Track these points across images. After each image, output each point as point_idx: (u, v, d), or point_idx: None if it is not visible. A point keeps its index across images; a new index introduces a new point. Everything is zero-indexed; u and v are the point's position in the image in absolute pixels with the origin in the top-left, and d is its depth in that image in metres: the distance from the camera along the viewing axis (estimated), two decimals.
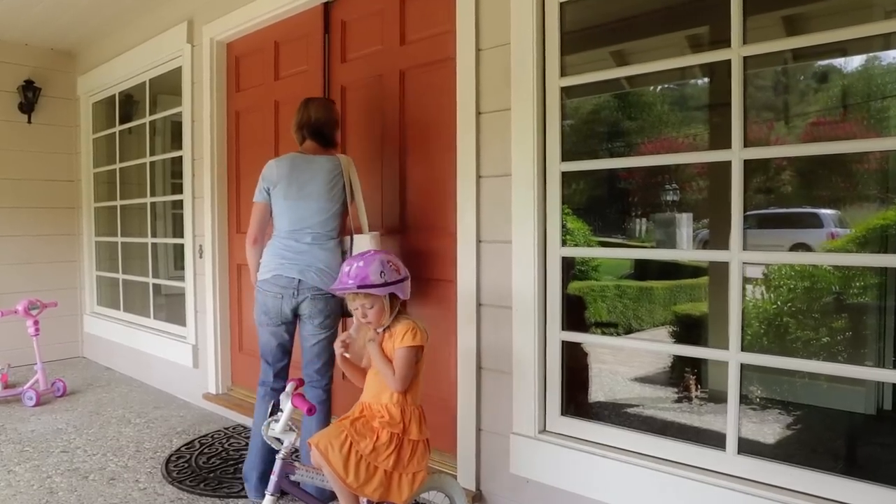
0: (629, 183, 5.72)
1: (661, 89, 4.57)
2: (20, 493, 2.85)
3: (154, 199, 4.90)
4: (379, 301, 2.04)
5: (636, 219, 6.37)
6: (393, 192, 2.96)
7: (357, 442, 1.98)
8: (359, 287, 2.01)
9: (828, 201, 4.96)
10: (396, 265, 2.05)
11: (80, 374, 5.02)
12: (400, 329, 2.05)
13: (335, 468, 1.94)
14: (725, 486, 1.92)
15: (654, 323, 5.93)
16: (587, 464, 2.21)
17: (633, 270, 6.46)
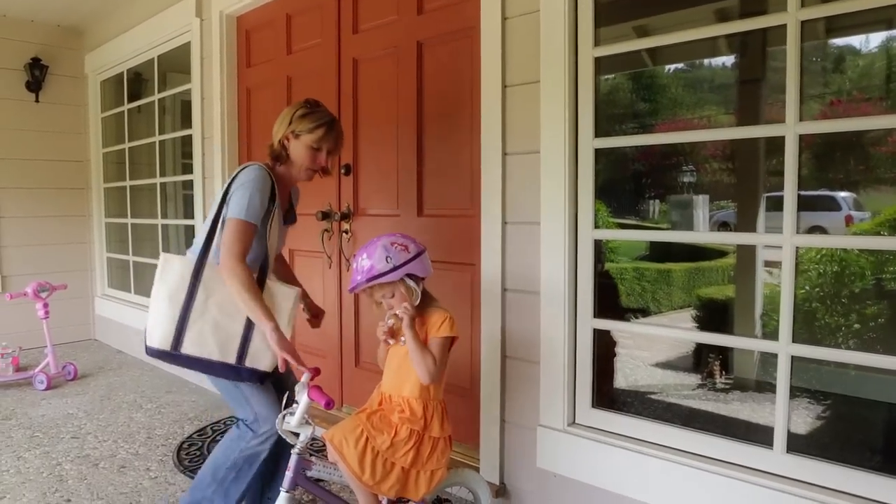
0: (644, 165, 5.56)
1: (691, 66, 4.39)
2: (29, 481, 2.78)
3: (164, 180, 4.78)
4: (397, 287, 1.90)
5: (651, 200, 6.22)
6: (409, 172, 2.82)
7: (374, 437, 1.85)
8: (368, 281, 1.88)
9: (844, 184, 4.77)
10: (403, 244, 1.90)
11: (92, 357, 4.95)
12: (436, 318, 1.92)
13: (350, 465, 1.82)
14: (773, 486, 1.79)
15: (672, 306, 5.78)
16: (621, 460, 2.09)
17: (647, 252, 6.31)
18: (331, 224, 3.14)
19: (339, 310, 3.22)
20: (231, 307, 1.97)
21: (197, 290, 1.98)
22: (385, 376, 2.03)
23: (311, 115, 2.16)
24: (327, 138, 2.16)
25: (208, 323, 1.97)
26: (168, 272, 2.01)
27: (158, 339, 1.98)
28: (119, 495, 2.63)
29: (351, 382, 3.19)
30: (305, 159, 2.17)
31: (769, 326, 4.26)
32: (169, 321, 1.97)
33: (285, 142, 2.17)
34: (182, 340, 1.96)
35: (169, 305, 1.97)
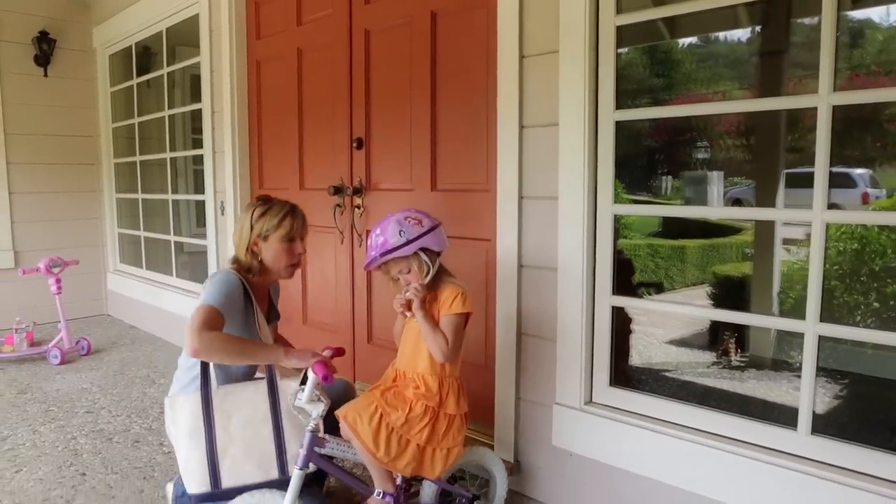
0: (657, 141, 5.47)
1: (709, 39, 4.28)
2: (45, 454, 2.79)
3: (174, 154, 4.74)
4: (411, 261, 1.87)
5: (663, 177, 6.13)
6: (423, 146, 2.75)
7: (388, 413, 1.83)
8: (381, 255, 1.85)
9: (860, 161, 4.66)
10: (417, 218, 1.87)
11: (105, 333, 4.97)
12: (447, 294, 1.88)
13: (364, 442, 1.80)
14: (797, 468, 1.74)
15: (686, 283, 5.72)
16: (639, 439, 2.05)
17: (660, 229, 6.23)
18: (342, 199, 3.09)
19: (352, 286, 3.18)
20: (255, 422, 1.90)
21: (214, 421, 1.88)
22: (400, 352, 2.00)
23: (270, 211, 2.09)
24: (296, 225, 2.11)
25: (239, 448, 1.88)
26: (178, 414, 1.90)
27: (196, 484, 1.87)
28: (133, 469, 2.64)
29: (364, 359, 3.17)
30: (283, 256, 2.11)
31: (786, 304, 4.20)
32: (199, 463, 1.87)
33: (254, 248, 2.09)
34: (219, 476, 1.86)
35: (192, 445, 1.87)
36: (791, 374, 3.52)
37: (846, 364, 3.37)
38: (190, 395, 1.90)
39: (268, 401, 1.92)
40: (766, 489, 1.80)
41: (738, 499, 1.86)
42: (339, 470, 1.94)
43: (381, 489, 1.89)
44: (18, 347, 4.16)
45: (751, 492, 1.83)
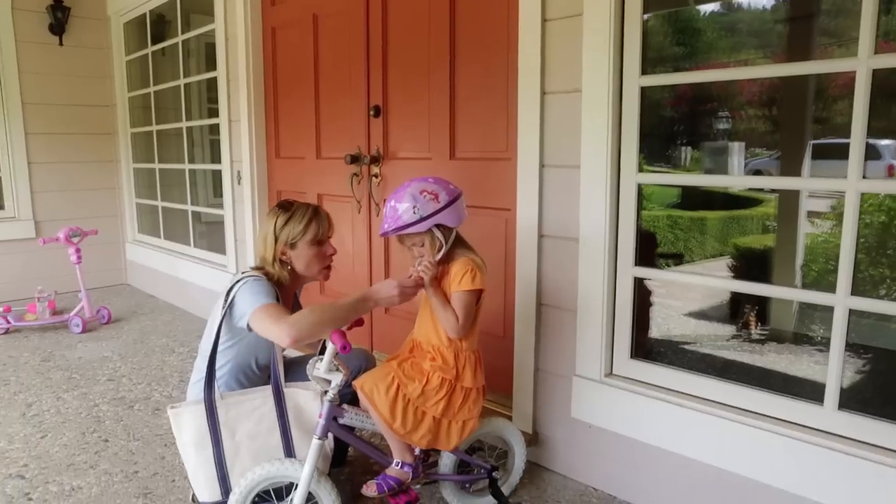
0: (676, 111, 5.34)
1: (733, 6, 4.14)
2: (69, 421, 2.83)
3: (190, 124, 4.72)
4: (427, 237, 1.83)
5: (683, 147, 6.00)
6: (442, 114, 2.70)
7: (405, 385, 1.82)
8: (394, 231, 1.81)
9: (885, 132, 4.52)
10: (433, 192, 1.78)
11: (125, 302, 5.02)
12: (457, 269, 1.84)
13: (381, 412, 1.80)
14: (823, 444, 1.71)
15: (705, 255, 5.64)
16: (660, 412, 2.03)
17: (679, 200, 6.13)
18: (360, 168, 3.05)
19: (369, 255, 3.17)
20: (262, 433, 1.88)
21: (220, 434, 1.86)
22: (417, 322, 1.98)
23: (294, 217, 2.01)
24: (322, 227, 2.04)
25: (248, 458, 1.87)
26: (183, 427, 1.88)
27: (207, 493, 1.89)
28: (154, 437, 2.67)
29: (381, 329, 3.16)
30: (315, 261, 2.05)
31: (809, 277, 4.12)
32: (207, 474, 1.87)
33: (283, 258, 2.02)
34: (230, 485, 1.87)
35: (199, 456, 1.86)
36: (812, 349, 3.47)
37: (869, 339, 3.31)
38: (193, 407, 1.87)
39: (274, 411, 1.89)
40: (789, 464, 1.78)
41: (760, 473, 1.83)
42: (358, 440, 1.95)
43: (399, 459, 1.89)
44: (41, 316, 4.21)
45: (773, 466, 1.81)
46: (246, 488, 1.79)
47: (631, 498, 2.18)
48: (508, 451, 2.20)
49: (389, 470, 1.89)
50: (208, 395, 1.86)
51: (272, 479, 1.81)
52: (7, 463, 2.46)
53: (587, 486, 2.29)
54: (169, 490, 2.25)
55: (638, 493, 2.16)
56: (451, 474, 2.04)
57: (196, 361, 2.09)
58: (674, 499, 2.06)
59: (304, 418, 1.90)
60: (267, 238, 2.01)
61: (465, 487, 2.12)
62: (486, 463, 2.07)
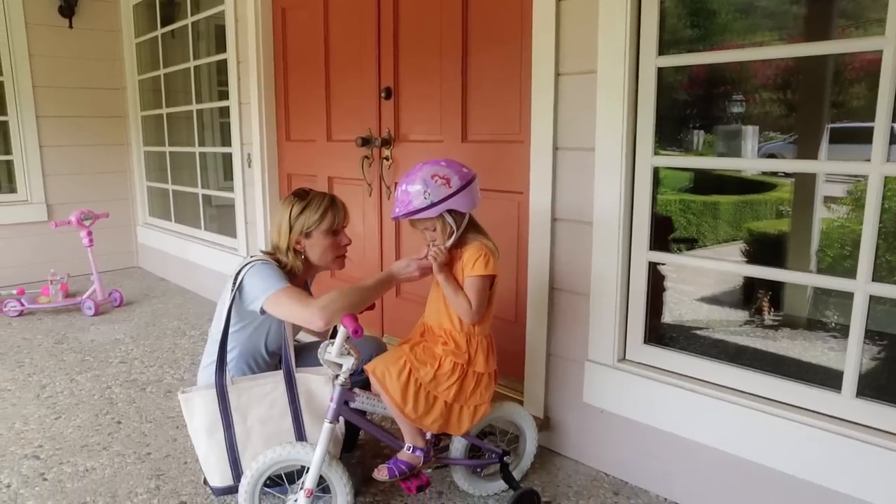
0: (689, 94, 5.25)
1: None
2: (82, 402, 2.85)
3: (200, 106, 4.70)
4: (438, 222, 1.80)
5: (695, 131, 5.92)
6: (454, 96, 2.66)
7: (417, 369, 1.81)
8: (405, 215, 1.78)
9: None
10: (445, 177, 1.74)
11: (136, 285, 5.04)
12: (470, 254, 1.82)
13: (393, 397, 1.79)
14: (840, 432, 1.68)
15: (717, 240, 5.59)
16: (674, 398, 2.01)
17: (691, 184, 6.06)
18: (371, 151, 3.03)
19: (380, 239, 3.15)
20: (274, 418, 1.87)
21: (232, 419, 1.85)
22: (428, 306, 1.97)
23: (309, 206, 2.00)
24: (338, 216, 2.03)
25: (260, 443, 1.87)
26: (194, 412, 1.87)
27: (218, 477, 1.89)
28: (166, 419, 2.69)
29: (392, 313, 3.16)
30: (330, 250, 2.04)
31: (824, 262, 4.07)
32: (219, 458, 1.87)
33: (297, 248, 2.01)
34: (241, 470, 1.86)
35: (210, 440, 1.86)
36: (826, 335, 3.43)
37: (884, 325, 3.27)
38: (204, 391, 1.86)
39: (286, 396, 1.88)
40: (804, 451, 1.75)
41: (774, 459, 1.82)
42: (369, 423, 1.94)
43: (411, 444, 1.89)
44: (54, 298, 4.24)
45: (787, 453, 1.79)
46: (257, 471, 1.79)
47: (643, 483, 2.17)
48: (520, 435, 2.19)
49: (401, 454, 1.89)
50: (220, 379, 1.85)
51: (283, 462, 1.81)
52: (22, 444, 2.49)
53: (599, 472, 2.28)
54: (181, 472, 2.26)
55: (650, 478, 2.15)
56: (463, 459, 2.04)
57: (206, 346, 2.09)
58: (686, 485, 2.05)
59: (315, 403, 1.89)
60: (281, 227, 2.00)
61: (476, 472, 2.12)
62: (498, 448, 2.07)
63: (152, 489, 2.16)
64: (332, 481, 1.81)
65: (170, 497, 2.12)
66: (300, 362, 1.93)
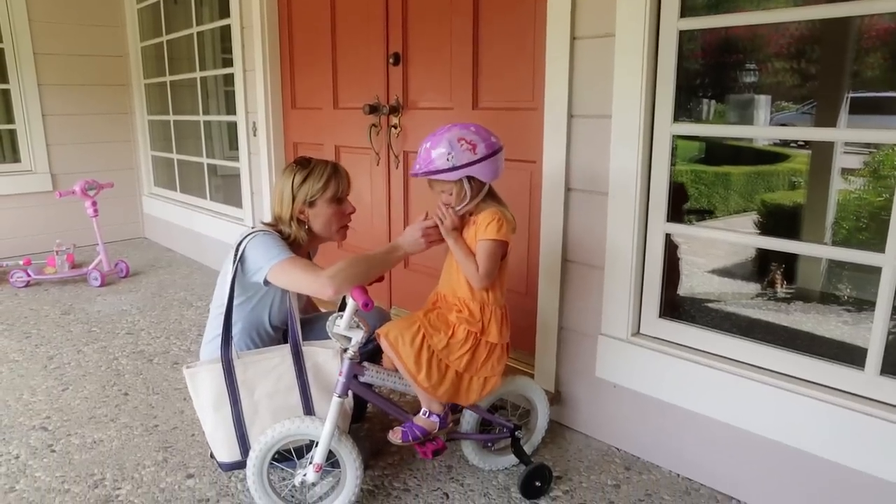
0: (700, 63, 5.12)
1: None
2: (89, 374, 2.84)
3: (204, 74, 4.60)
4: (456, 186, 1.74)
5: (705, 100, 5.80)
6: (465, 61, 2.57)
7: (430, 335, 1.76)
8: (425, 174, 1.73)
9: None
10: (472, 143, 1.69)
11: (143, 255, 5.01)
12: (484, 218, 1.76)
13: (405, 363, 1.75)
14: (863, 410, 1.63)
15: (728, 211, 5.51)
16: (690, 373, 1.96)
17: (702, 154, 5.96)
18: (378, 119, 2.95)
19: (388, 210, 3.09)
20: (281, 391, 1.83)
21: (239, 394, 1.82)
22: (442, 276, 1.92)
23: (312, 174, 1.93)
24: (342, 182, 1.98)
25: (267, 417, 1.83)
26: (200, 387, 1.83)
27: (226, 453, 1.87)
28: (173, 391, 2.67)
29: (400, 284, 3.11)
30: (334, 219, 1.99)
31: (839, 235, 3.99)
32: (226, 434, 1.84)
33: (301, 217, 1.95)
34: (249, 445, 1.83)
35: (217, 416, 1.83)
36: (841, 309, 3.37)
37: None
38: (210, 366, 1.83)
39: (293, 369, 1.84)
40: (824, 429, 1.71)
41: (796, 439, 1.77)
42: (378, 397, 1.91)
43: (427, 409, 1.85)
44: (60, 269, 4.21)
45: (807, 431, 1.74)
46: (265, 446, 1.76)
47: (655, 458, 2.14)
48: (531, 410, 2.16)
49: (416, 418, 1.85)
50: (226, 353, 1.81)
51: (292, 437, 1.79)
52: (30, 415, 2.47)
53: (610, 446, 2.25)
54: (189, 444, 2.25)
55: (662, 453, 2.12)
56: (473, 433, 2.01)
57: (208, 320, 2.05)
58: (700, 461, 2.02)
59: (322, 376, 1.86)
60: (284, 196, 1.94)
61: (486, 446, 2.09)
62: (509, 422, 2.03)
63: (160, 461, 2.15)
64: (341, 456, 1.79)
65: (177, 470, 2.10)
66: (306, 336, 1.89)
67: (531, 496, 1.96)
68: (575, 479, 2.07)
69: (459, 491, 2.00)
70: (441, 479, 2.05)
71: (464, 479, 2.06)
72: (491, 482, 2.04)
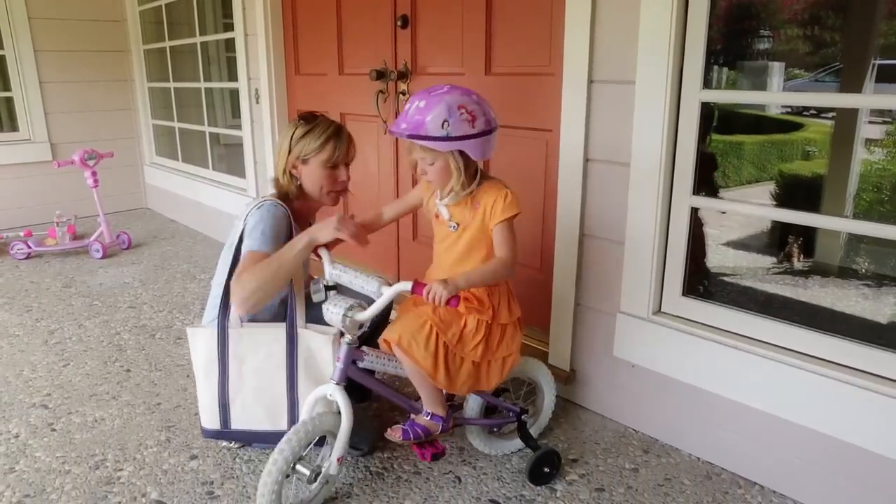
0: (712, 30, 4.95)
1: None
2: (91, 349, 2.77)
3: (204, 39, 4.45)
4: (442, 158, 1.57)
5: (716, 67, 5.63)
6: (477, 23, 2.43)
7: (444, 332, 1.62)
8: (410, 136, 1.54)
9: None
10: (472, 113, 1.52)
11: (145, 226, 4.92)
12: (490, 198, 1.61)
13: (425, 367, 1.61)
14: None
15: (741, 181, 5.37)
16: (716, 355, 1.87)
17: (715, 123, 5.81)
18: (386, 85, 2.82)
19: (396, 180, 2.98)
20: (269, 370, 1.78)
21: (228, 362, 1.80)
22: (438, 262, 1.78)
23: (312, 132, 1.85)
24: (339, 150, 1.88)
25: (250, 393, 1.81)
26: (196, 348, 1.83)
27: (208, 420, 1.87)
28: (176, 367, 2.60)
29: (408, 257, 3.01)
30: (325, 182, 1.89)
31: (860, 207, 3.87)
32: (211, 399, 1.84)
33: (293, 171, 1.87)
34: (229, 416, 1.83)
35: (207, 382, 1.83)
36: (859, 283, 3.26)
37: None
38: (208, 329, 1.80)
39: (285, 350, 1.77)
40: (861, 416, 1.62)
41: (827, 424, 1.68)
42: (380, 384, 1.80)
43: (430, 410, 1.74)
44: (61, 241, 4.14)
45: (841, 417, 1.65)
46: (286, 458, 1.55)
47: (674, 441, 2.06)
48: (538, 391, 2.05)
49: (418, 417, 1.75)
50: (223, 319, 1.78)
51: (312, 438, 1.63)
52: (31, 392, 2.41)
53: (627, 428, 2.17)
54: (192, 424, 2.18)
55: (682, 436, 2.04)
56: (478, 418, 1.91)
57: (211, 290, 1.98)
58: (722, 445, 1.93)
59: (313, 363, 1.78)
60: (282, 147, 1.90)
61: (492, 431, 2.00)
62: (515, 405, 1.94)
63: (162, 441, 2.08)
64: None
65: (181, 450, 2.04)
66: (311, 316, 1.80)
67: (540, 482, 1.87)
68: (591, 461, 1.99)
69: (472, 474, 1.93)
70: (453, 462, 1.97)
71: (476, 461, 1.98)
72: (504, 465, 1.97)
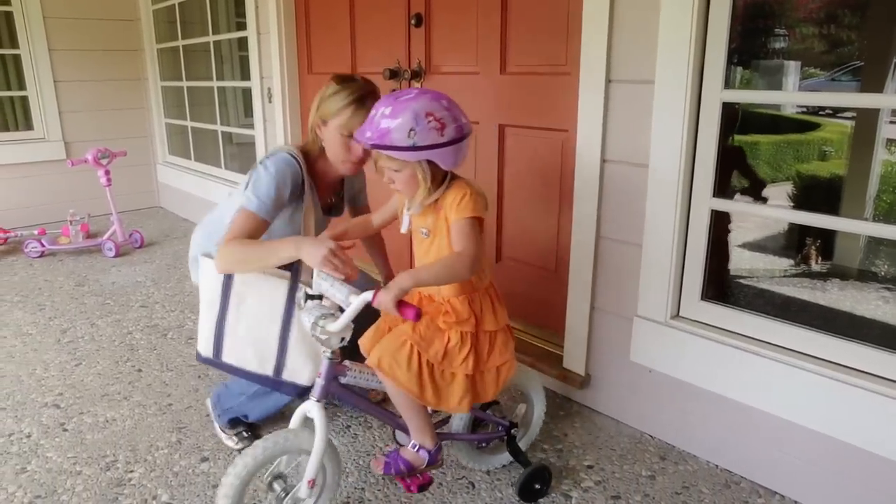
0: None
1: None
2: (103, 349, 2.77)
3: (217, 38, 4.44)
4: (409, 167, 1.46)
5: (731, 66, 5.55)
6: (492, 22, 2.40)
7: (425, 350, 1.53)
8: (372, 145, 1.44)
9: None
10: (441, 121, 1.41)
11: (157, 225, 4.93)
12: (453, 197, 1.50)
13: (409, 389, 1.52)
14: None
15: None
16: (735, 361, 1.83)
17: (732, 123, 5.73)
18: (399, 84, 2.79)
19: None
20: (264, 314, 1.74)
21: (229, 297, 1.77)
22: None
23: (339, 94, 1.78)
24: (356, 119, 1.71)
25: (242, 331, 1.78)
26: (204, 276, 1.80)
27: (203, 345, 1.84)
28: (188, 367, 2.59)
29: None
30: (340, 150, 1.83)
31: (880, 208, 3.79)
32: (209, 328, 1.81)
33: (318, 130, 1.84)
34: (222, 348, 1.80)
35: (208, 311, 1.81)
36: (880, 286, 3.19)
37: None
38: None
39: (284, 303, 1.73)
40: (885, 425, 1.57)
41: (851, 434, 1.64)
42: (365, 402, 1.72)
43: (417, 442, 1.65)
44: (74, 239, 4.15)
45: (865, 427, 1.60)
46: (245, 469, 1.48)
47: (692, 448, 2.02)
48: (527, 402, 1.95)
49: (403, 450, 1.66)
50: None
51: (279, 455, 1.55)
52: (43, 391, 2.41)
53: (643, 433, 2.13)
54: (203, 425, 2.17)
55: (700, 443, 1.99)
56: (465, 434, 1.82)
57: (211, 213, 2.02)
58: (741, 453, 1.89)
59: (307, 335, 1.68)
60: (314, 103, 1.87)
61: (480, 446, 1.91)
62: (504, 419, 1.86)
63: (173, 443, 2.07)
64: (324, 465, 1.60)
65: (192, 452, 2.02)
66: None
67: (530, 499, 1.81)
68: (607, 468, 1.96)
69: (486, 480, 1.90)
70: (466, 467, 1.94)
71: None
72: (519, 472, 1.93)
